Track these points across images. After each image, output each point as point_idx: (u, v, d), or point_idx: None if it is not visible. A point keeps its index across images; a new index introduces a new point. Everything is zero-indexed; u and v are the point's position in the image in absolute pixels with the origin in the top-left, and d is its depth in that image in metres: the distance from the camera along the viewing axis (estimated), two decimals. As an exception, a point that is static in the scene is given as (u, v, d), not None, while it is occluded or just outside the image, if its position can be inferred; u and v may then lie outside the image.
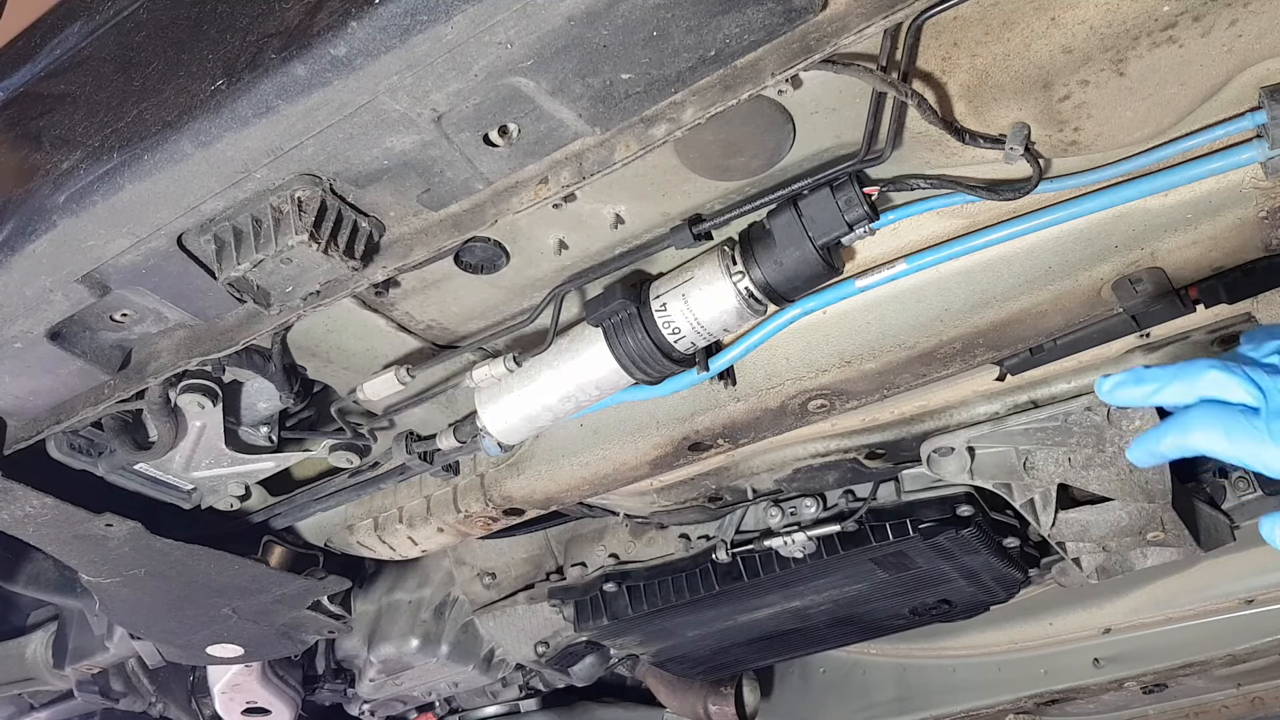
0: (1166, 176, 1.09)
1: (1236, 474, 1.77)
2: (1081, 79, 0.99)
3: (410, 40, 0.85)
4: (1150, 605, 2.06)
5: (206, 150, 0.94)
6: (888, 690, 2.44)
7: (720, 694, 2.27)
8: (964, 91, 1.03)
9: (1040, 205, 1.15)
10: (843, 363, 1.30)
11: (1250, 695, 2.16)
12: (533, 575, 2.13)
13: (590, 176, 1.00)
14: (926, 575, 1.73)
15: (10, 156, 1.07)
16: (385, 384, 1.35)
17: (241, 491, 1.64)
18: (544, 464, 1.52)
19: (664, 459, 1.45)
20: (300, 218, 0.99)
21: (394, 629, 2.23)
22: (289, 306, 1.12)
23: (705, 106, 0.93)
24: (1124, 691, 2.17)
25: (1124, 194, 1.11)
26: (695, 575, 1.83)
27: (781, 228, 1.12)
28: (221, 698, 2.27)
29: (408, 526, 1.70)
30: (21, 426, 1.29)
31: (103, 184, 0.97)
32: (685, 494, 1.70)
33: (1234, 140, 1.05)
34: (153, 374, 1.21)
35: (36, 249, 1.02)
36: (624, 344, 1.22)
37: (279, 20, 0.91)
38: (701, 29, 0.88)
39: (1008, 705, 2.27)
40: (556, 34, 0.86)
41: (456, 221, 1.07)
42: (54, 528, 1.42)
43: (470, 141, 0.97)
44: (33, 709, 2.50)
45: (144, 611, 1.73)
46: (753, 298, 1.17)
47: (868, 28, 0.87)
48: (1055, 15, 0.94)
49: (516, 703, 2.48)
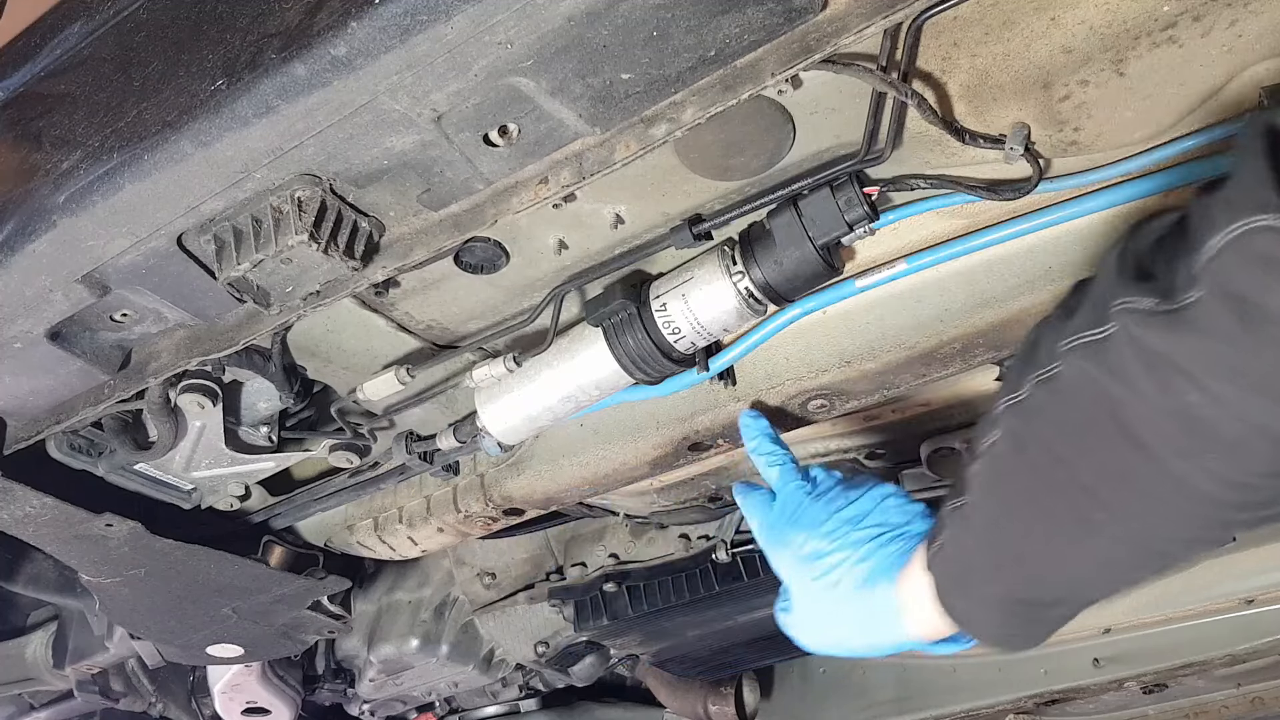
0: (1166, 176, 1.09)
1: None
2: (1081, 79, 0.99)
3: (410, 40, 0.85)
4: (1150, 605, 2.06)
5: (206, 150, 0.94)
6: (888, 690, 2.44)
7: (720, 694, 2.27)
8: (964, 91, 1.03)
9: (1040, 205, 1.15)
10: (843, 363, 1.30)
11: (1250, 695, 2.16)
12: (533, 575, 2.13)
13: (590, 176, 1.00)
14: (926, 575, 1.73)
15: (10, 156, 1.07)
16: (385, 384, 1.35)
17: (241, 491, 1.64)
18: (544, 464, 1.52)
19: (664, 459, 1.45)
20: (300, 218, 0.99)
21: (394, 629, 2.23)
22: (289, 306, 1.12)
23: (705, 106, 0.93)
24: (1124, 691, 2.17)
25: (1124, 194, 1.11)
26: (695, 575, 1.84)
27: (781, 228, 1.12)
28: (221, 698, 2.27)
29: (408, 526, 1.70)
30: (21, 426, 1.29)
31: (103, 184, 0.97)
32: (685, 494, 1.70)
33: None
34: (153, 374, 1.21)
35: (36, 249, 1.02)
36: (624, 344, 1.22)
37: (279, 20, 0.90)
38: (701, 29, 0.88)
39: (1008, 705, 2.27)
40: (556, 34, 0.86)
41: (456, 221, 1.07)
42: (54, 528, 1.42)
43: (470, 141, 0.97)
44: (33, 709, 2.50)
45: (144, 611, 1.73)
46: (753, 298, 1.17)
47: (868, 28, 0.87)
48: (1055, 15, 0.94)
49: (516, 703, 2.48)
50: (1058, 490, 0.83)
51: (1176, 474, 0.74)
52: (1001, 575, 0.91)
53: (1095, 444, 0.78)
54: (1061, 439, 0.82)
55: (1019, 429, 0.86)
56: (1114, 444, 0.77)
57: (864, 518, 1.08)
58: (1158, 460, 0.74)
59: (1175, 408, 0.71)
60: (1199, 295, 0.68)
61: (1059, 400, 0.81)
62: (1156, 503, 0.77)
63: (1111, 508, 0.80)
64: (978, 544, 0.92)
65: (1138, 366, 0.73)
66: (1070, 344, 0.79)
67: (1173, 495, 0.76)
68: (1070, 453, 0.81)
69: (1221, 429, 0.70)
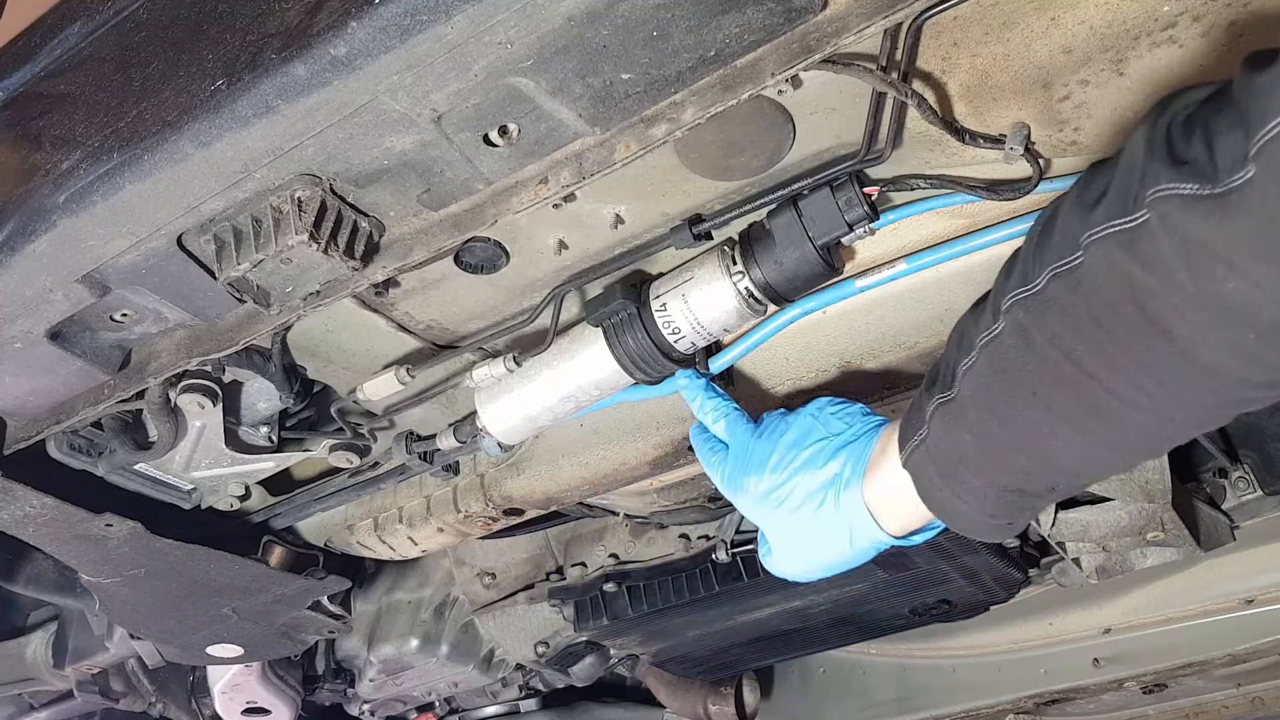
0: (1166, 176, 1.09)
1: (1237, 474, 1.78)
2: (1081, 79, 0.99)
3: (410, 40, 0.85)
4: (1150, 605, 2.06)
5: (206, 150, 0.94)
6: (888, 690, 2.44)
7: (720, 694, 2.27)
8: (964, 91, 1.03)
9: (1040, 205, 1.15)
10: (843, 363, 1.30)
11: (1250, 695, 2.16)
12: (533, 575, 2.13)
13: (590, 176, 1.00)
14: (926, 575, 1.73)
15: (10, 156, 1.06)
16: (385, 384, 1.35)
17: (241, 491, 1.64)
18: (544, 464, 1.52)
19: (664, 459, 1.45)
20: (300, 218, 0.99)
21: (394, 629, 2.23)
22: (289, 306, 1.12)
23: (705, 106, 0.93)
24: (1124, 691, 2.17)
25: (1124, 194, 1.11)
26: (695, 575, 1.83)
27: (781, 228, 1.12)
28: (221, 698, 2.27)
29: (408, 526, 1.70)
30: (21, 426, 1.29)
31: (103, 184, 0.97)
32: (685, 494, 1.70)
33: (1234, 140, 1.05)
34: (153, 374, 1.21)
35: (36, 249, 1.02)
36: (624, 344, 1.22)
37: (279, 20, 0.90)
38: (701, 29, 0.88)
39: (1008, 705, 2.27)
40: (556, 34, 0.86)
41: (456, 221, 1.07)
42: (54, 528, 1.42)
43: (470, 141, 0.97)
44: (33, 709, 2.50)
45: (144, 611, 1.73)
46: (753, 298, 1.17)
47: (868, 28, 0.87)
48: (1055, 15, 0.94)
49: (516, 703, 2.48)
50: (1066, 382, 0.81)
51: (1204, 361, 0.72)
52: (996, 467, 0.89)
53: (1116, 335, 0.76)
54: (1076, 331, 0.79)
55: (1028, 322, 0.83)
56: (1137, 335, 0.74)
57: (807, 436, 1.09)
58: (1184, 349, 0.72)
59: (1210, 295, 0.69)
60: (1249, 175, 0.65)
61: (1079, 292, 0.78)
62: (1178, 387, 0.75)
63: (1125, 396, 0.78)
64: (972, 437, 0.90)
65: (1173, 255, 0.70)
66: (1096, 234, 0.75)
67: (1197, 380, 0.74)
68: (1085, 345, 0.78)
69: (1262, 313, 0.68)
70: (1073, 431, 0.83)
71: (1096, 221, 0.76)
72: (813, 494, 1.05)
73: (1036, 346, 0.82)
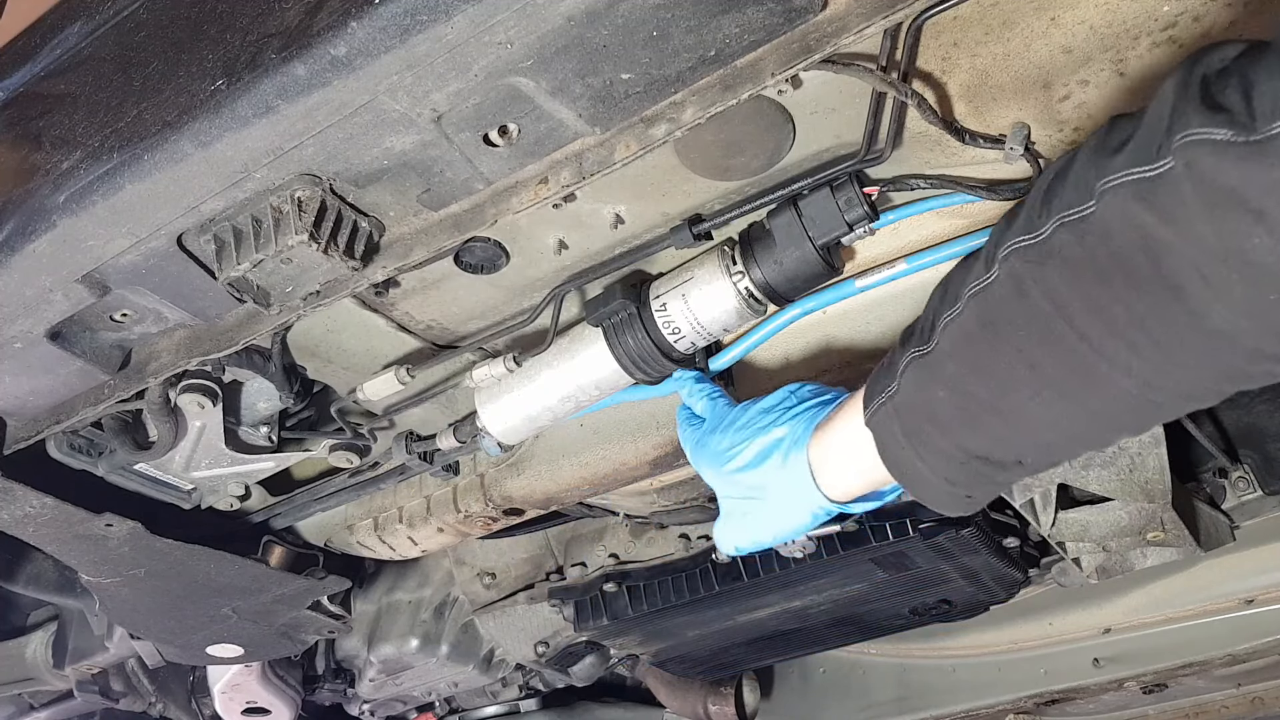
0: (1166, 176, 1.09)
1: (1236, 474, 1.78)
2: (1081, 79, 0.99)
3: (410, 40, 0.85)
4: (1150, 605, 2.06)
5: (206, 150, 0.94)
6: (888, 690, 2.43)
7: (720, 694, 2.27)
8: (964, 91, 1.03)
9: (1040, 205, 1.15)
10: (843, 363, 1.30)
11: (1250, 695, 2.16)
12: (533, 575, 2.13)
13: (590, 176, 1.00)
14: (926, 575, 1.73)
15: (10, 156, 1.07)
16: (385, 384, 1.35)
17: (241, 491, 1.64)
18: (544, 464, 1.52)
19: (664, 459, 1.45)
20: (300, 218, 0.99)
21: (394, 629, 2.23)
22: (289, 306, 1.12)
23: (705, 106, 0.93)
24: (1124, 691, 2.16)
25: (1124, 194, 1.11)
26: (695, 575, 1.83)
27: (781, 228, 1.12)
28: (221, 698, 2.27)
29: (408, 526, 1.70)
30: (21, 426, 1.29)
31: (103, 184, 0.97)
32: (685, 494, 1.70)
33: (1234, 140, 1.05)
34: (153, 374, 1.21)
35: (36, 249, 1.02)
36: (624, 344, 1.22)
37: (279, 20, 0.90)
38: (701, 29, 0.88)
39: (1008, 705, 2.27)
40: (556, 34, 0.86)
41: (456, 221, 1.07)
42: (54, 528, 1.42)
43: (470, 141, 0.97)
44: (33, 709, 2.50)
45: (144, 611, 1.73)
46: (753, 298, 1.17)
47: (868, 28, 0.87)
48: (1055, 15, 0.94)
49: (516, 703, 2.48)
50: (1056, 340, 0.77)
51: (1213, 323, 0.68)
52: (967, 428, 0.85)
53: (1118, 292, 0.72)
54: (1076, 285, 0.75)
55: (1025, 272, 0.78)
56: (1142, 291, 0.71)
57: (777, 404, 1.09)
58: (1194, 309, 0.69)
59: (1234, 250, 0.65)
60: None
61: (1086, 243, 0.73)
62: (1177, 351, 0.71)
63: (1116, 360, 0.74)
64: (947, 393, 0.86)
65: (1196, 205, 0.66)
66: (1112, 181, 0.71)
67: (1199, 345, 0.70)
68: (1082, 301, 0.74)
69: None
70: (1054, 395, 0.79)
71: (1115, 169, 0.72)
72: (763, 452, 1.04)
73: (1030, 299, 0.78)
